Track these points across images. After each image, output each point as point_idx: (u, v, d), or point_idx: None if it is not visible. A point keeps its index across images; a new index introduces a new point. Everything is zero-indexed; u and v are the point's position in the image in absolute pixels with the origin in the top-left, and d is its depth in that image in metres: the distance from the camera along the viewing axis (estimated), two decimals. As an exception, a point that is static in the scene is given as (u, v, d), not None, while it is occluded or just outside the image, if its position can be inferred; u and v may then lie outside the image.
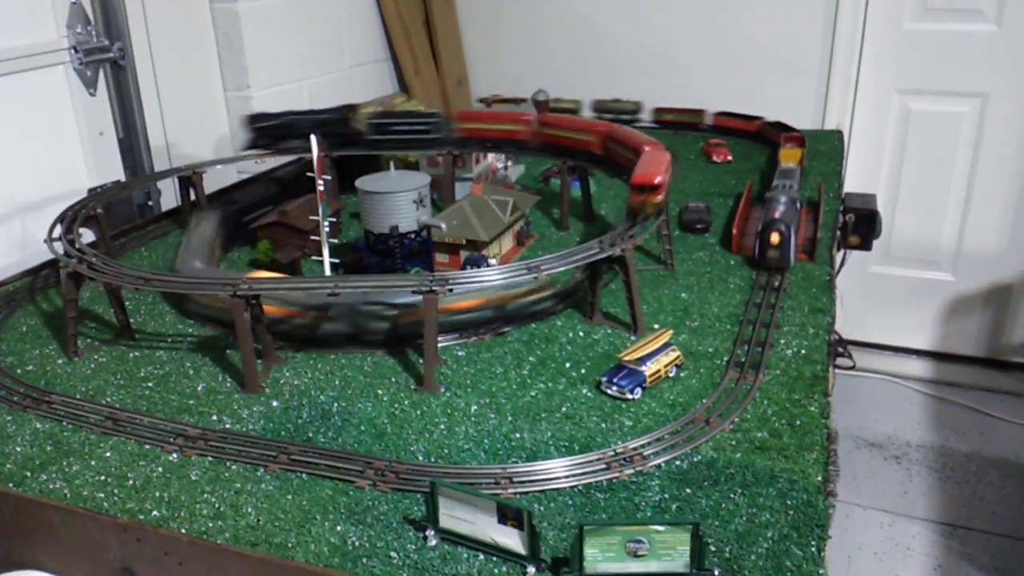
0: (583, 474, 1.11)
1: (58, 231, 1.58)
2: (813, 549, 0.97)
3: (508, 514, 0.96)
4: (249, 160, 2.20)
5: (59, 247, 1.50)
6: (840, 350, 3.02)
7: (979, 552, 2.42)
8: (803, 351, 1.39)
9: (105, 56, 2.15)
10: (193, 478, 1.13)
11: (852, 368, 3.18)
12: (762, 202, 1.82)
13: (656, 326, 1.50)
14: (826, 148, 2.59)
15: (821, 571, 0.94)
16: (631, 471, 1.11)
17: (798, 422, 1.19)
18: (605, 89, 3.33)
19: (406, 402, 1.30)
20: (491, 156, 2.36)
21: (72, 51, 2.08)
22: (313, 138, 1.54)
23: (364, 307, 1.45)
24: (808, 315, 1.51)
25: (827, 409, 1.23)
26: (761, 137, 2.64)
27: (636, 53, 3.28)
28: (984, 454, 2.84)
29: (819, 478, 1.08)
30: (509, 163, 2.48)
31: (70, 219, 1.64)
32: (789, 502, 1.04)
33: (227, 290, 1.30)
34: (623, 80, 3.32)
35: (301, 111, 2.05)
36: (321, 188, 1.54)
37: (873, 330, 3.32)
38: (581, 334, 1.50)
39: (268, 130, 2.01)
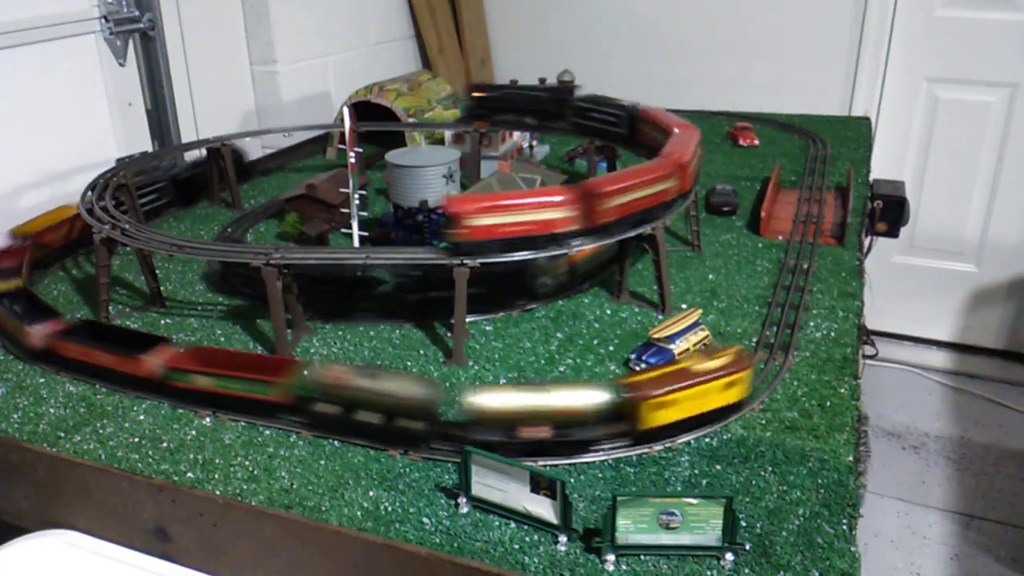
0: (612, 448, 1.11)
1: (89, 198, 1.59)
2: (844, 527, 0.97)
3: (541, 484, 0.96)
4: (276, 134, 2.21)
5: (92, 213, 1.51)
6: (863, 337, 3.01)
7: (996, 543, 2.42)
8: (833, 334, 1.39)
9: (135, 27, 2.15)
10: (227, 442, 1.14)
11: (875, 356, 3.17)
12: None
13: (683, 306, 1.50)
14: (854, 134, 2.58)
15: (852, 549, 0.94)
16: (660, 447, 1.11)
17: (828, 403, 1.19)
18: (629, 71, 3.32)
19: (435, 374, 1.31)
20: (516, 135, 2.36)
21: (103, 21, 2.08)
22: (346, 111, 1.54)
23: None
24: (838, 299, 1.51)
25: (857, 391, 1.23)
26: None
27: (662, 35, 3.26)
28: (1003, 446, 2.83)
29: (850, 458, 1.08)
30: (534, 142, 2.47)
31: (102, 187, 1.65)
32: (820, 481, 1.04)
33: (260, 259, 1.31)
34: (648, 63, 3.30)
35: (521, 86, 2.07)
36: (352, 160, 1.54)
37: (894, 320, 3.30)
38: (608, 312, 1.50)
39: (486, 101, 2.02)
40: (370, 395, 1.11)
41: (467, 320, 1.42)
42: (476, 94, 2.04)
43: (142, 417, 1.20)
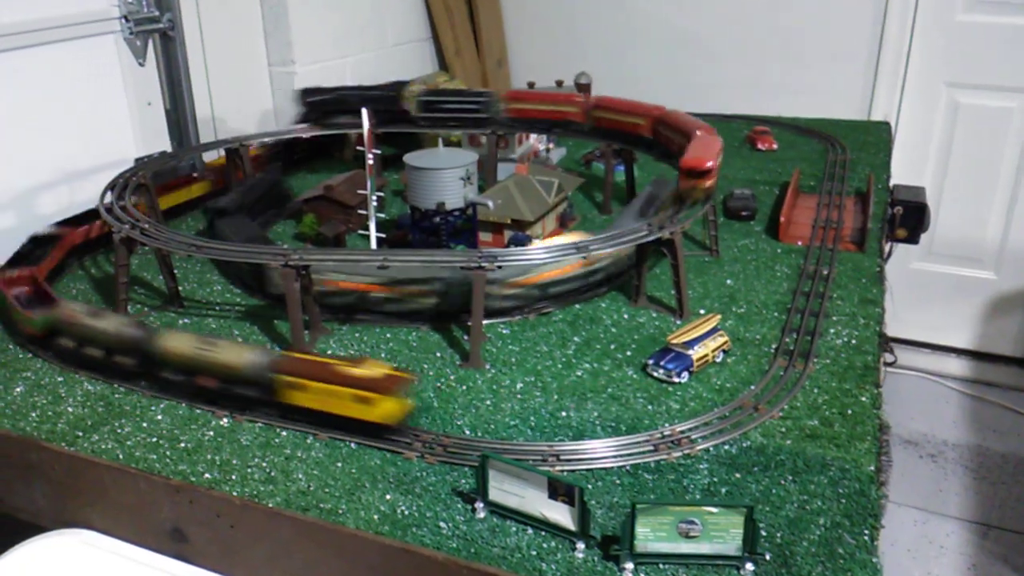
0: (630, 455, 1.11)
1: (109, 198, 1.59)
2: (866, 538, 0.96)
3: (559, 490, 0.96)
4: (294, 135, 2.20)
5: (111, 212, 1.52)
6: (884, 345, 2.99)
7: (1014, 553, 2.39)
8: (853, 341, 1.37)
9: (155, 27, 2.16)
10: (244, 443, 1.14)
11: (893, 364, 3.14)
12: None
13: (701, 311, 1.49)
14: (874, 139, 2.55)
15: (874, 560, 0.93)
16: (679, 454, 1.10)
17: (849, 412, 1.18)
18: (646, 73, 3.31)
19: (452, 377, 1.30)
20: (533, 137, 2.35)
21: (123, 20, 2.09)
22: (364, 112, 1.54)
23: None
24: (858, 305, 1.49)
25: (879, 400, 1.21)
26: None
27: (679, 38, 3.25)
28: (1021, 455, 2.80)
29: (871, 468, 1.06)
30: (551, 145, 2.47)
31: (121, 186, 1.65)
32: (841, 490, 1.03)
33: (278, 260, 1.31)
34: (665, 65, 3.29)
35: (352, 87, 2.05)
36: (371, 162, 1.54)
37: (912, 327, 3.27)
38: (626, 316, 1.49)
39: (319, 104, 2.02)
40: (94, 332, 1.28)
41: (484, 323, 1.42)
42: (308, 99, 2.03)
43: (160, 417, 1.21)
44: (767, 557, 0.93)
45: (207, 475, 1.07)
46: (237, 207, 1.80)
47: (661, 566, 0.92)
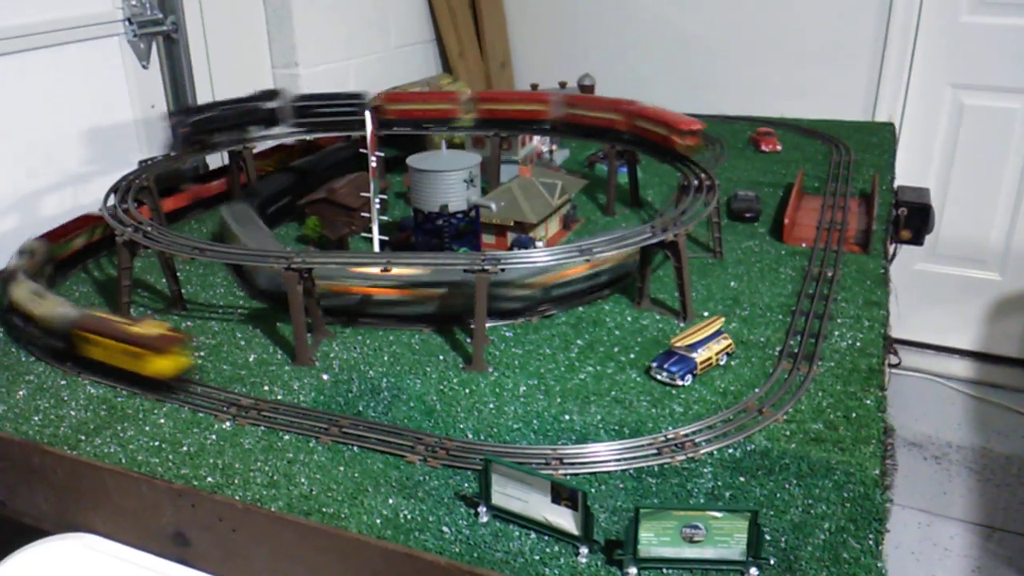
0: (634, 458, 1.10)
1: (112, 200, 1.59)
2: (871, 542, 0.95)
3: (562, 494, 0.95)
4: (297, 137, 2.20)
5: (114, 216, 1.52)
6: (888, 347, 2.98)
7: (1019, 555, 2.38)
8: (858, 344, 1.37)
9: (158, 29, 2.16)
10: (247, 447, 1.14)
11: (897, 365, 3.13)
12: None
13: (705, 314, 1.49)
14: (878, 140, 2.55)
15: (879, 564, 0.92)
16: (682, 457, 1.10)
17: (854, 415, 1.18)
18: (649, 75, 3.30)
19: (454, 380, 1.30)
20: (536, 139, 2.35)
21: (127, 23, 2.09)
22: (367, 114, 1.54)
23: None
24: (863, 308, 1.49)
25: (883, 403, 1.21)
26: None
27: (682, 39, 3.25)
28: (1026, 457, 2.79)
29: (876, 471, 1.06)
30: (554, 147, 2.46)
31: (124, 189, 1.65)
32: (846, 495, 1.03)
33: (281, 263, 1.31)
34: (669, 66, 3.28)
35: (223, 101, 1.95)
36: (373, 165, 1.54)
37: (916, 328, 3.26)
38: (629, 319, 1.49)
39: (200, 124, 1.89)
40: None
41: (487, 326, 1.42)
42: (187, 120, 1.87)
43: (162, 421, 1.21)
44: (771, 562, 0.92)
45: (209, 479, 1.07)
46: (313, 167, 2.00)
47: (665, 571, 0.92)
